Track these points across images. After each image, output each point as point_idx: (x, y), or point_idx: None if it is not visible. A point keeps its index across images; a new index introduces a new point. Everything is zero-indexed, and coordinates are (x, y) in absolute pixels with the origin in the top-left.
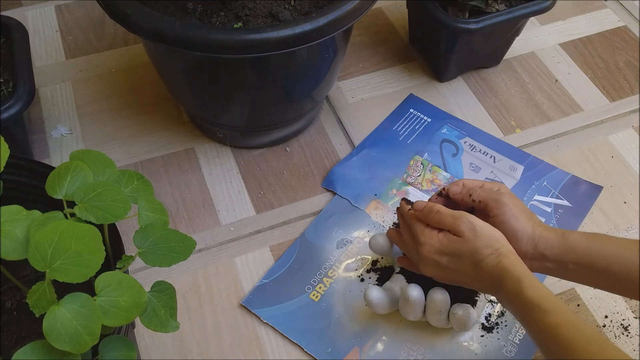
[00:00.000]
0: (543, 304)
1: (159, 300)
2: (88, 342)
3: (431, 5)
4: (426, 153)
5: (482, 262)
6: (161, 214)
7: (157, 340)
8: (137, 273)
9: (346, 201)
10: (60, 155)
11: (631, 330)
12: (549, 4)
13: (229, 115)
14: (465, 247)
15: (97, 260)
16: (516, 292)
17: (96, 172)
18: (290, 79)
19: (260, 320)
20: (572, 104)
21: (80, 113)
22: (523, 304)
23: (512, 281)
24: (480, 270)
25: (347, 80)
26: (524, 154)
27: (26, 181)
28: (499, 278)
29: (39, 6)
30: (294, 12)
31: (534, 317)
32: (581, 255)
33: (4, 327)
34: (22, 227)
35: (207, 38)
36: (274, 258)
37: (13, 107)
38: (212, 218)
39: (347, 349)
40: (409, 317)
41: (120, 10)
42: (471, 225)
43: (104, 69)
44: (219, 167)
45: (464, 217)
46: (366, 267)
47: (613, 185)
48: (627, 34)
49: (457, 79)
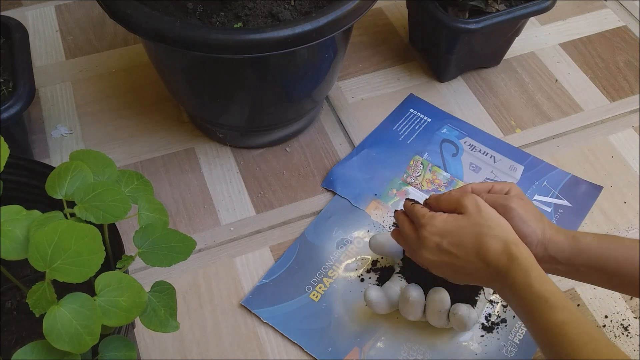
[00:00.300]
0: (551, 299)
1: (159, 300)
2: (88, 342)
3: (431, 5)
4: (426, 153)
5: (486, 245)
6: (161, 214)
7: (157, 340)
8: (137, 273)
9: (346, 201)
10: (60, 155)
11: (631, 330)
12: (549, 4)
13: (229, 115)
14: (468, 224)
15: (97, 260)
16: (524, 283)
17: (96, 172)
18: (290, 79)
19: (260, 320)
20: (572, 104)
21: (80, 113)
22: (530, 298)
23: (519, 271)
24: (484, 254)
25: (347, 80)
26: (524, 154)
27: (26, 181)
28: (506, 266)
29: (39, 6)
30: (294, 12)
31: (540, 313)
32: (593, 259)
33: (4, 327)
34: (22, 227)
35: (207, 38)
36: (274, 258)
37: (13, 107)
38: (212, 218)
39: (347, 349)
40: (409, 317)
41: (120, 10)
42: (475, 202)
43: (104, 69)
44: (219, 167)
45: (470, 195)
46: (366, 267)
47: (613, 185)
48: (627, 34)
49: (457, 79)
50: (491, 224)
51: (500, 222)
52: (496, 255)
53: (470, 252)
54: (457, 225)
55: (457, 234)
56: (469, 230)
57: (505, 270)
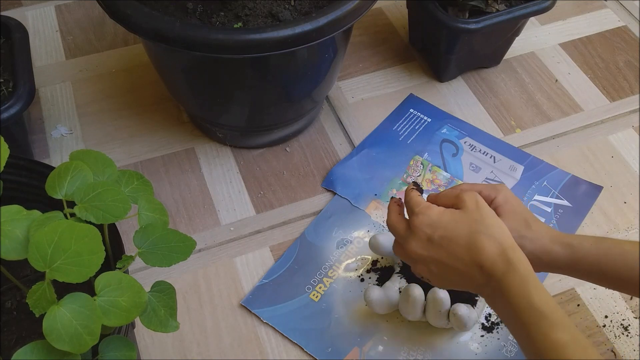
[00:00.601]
0: (551, 316)
1: (159, 300)
2: (88, 342)
3: (431, 5)
4: (426, 153)
5: (481, 244)
6: (161, 214)
7: (157, 340)
8: (137, 273)
9: (346, 201)
10: (60, 155)
11: (631, 330)
12: (549, 4)
13: (229, 115)
14: (464, 219)
15: (97, 260)
16: (521, 293)
17: (96, 172)
18: (290, 79)
19: (260, 320)
20: (572, 104)
21: (80, 113)
22: (528, 311)
23: (516, 279)
24: (477, 254)
25: (347, 80)
26: (524, 154)
27: (26, 181)
28: (501, 272)
29: (39, 6)
30: (294, 12)
31: (537, 330)
32: (592, 265)
33: (4, 327)
34: (22, 227)
35: (207, 38)
36: (274, 258)
37: (13, 107)
38: (212, 218)
39: (347, 349)
40: (409, 317)
41: (120, 10)
42: (475, 198)
43: (104, 69)
44: (219, 167)
45: (471, 191)
46: (366, 267)
47: (613, 185)
48: (627, 34)
49: (457, 79)
50: (489, 222)
51: (499, 223)
52: (491, 258)
53: (462, 250)
54: (452, 218)
55: (452, 227)
56: (464, 225)
57: (500, 275)
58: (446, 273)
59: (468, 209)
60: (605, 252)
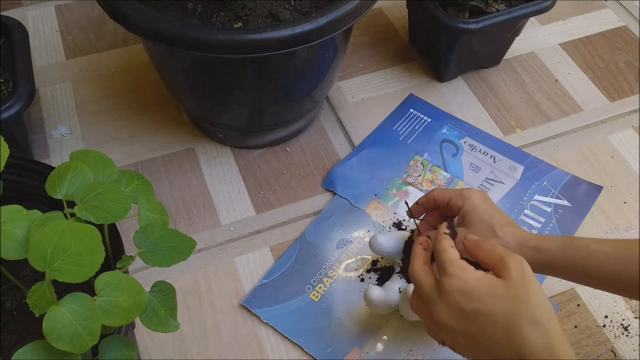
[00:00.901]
0: None
1: (159, 300)
2: (88, 342)
3: (431, 5)
4: (426, 153)
5: (523, 332)
6: (161, 214)
7: (157, 340)
8: (137, 273)
9: (346, 201)
10: (60, 155)
11: (631, 330)
12: (549, 4)
13: (229, 115)
14: (506, 293)
15: (97, 260)
16: None
17: (96, 172)
18: (290, 79)
19: (260, 320)
20: (572, 104)
21: (80, 113)
22: None
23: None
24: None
25: (347, 80)
26: (524, 154)
27: (26, 181)
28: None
29: (39, 6)
30: (294, 12)
31: None
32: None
33: (4, 327)
34: (22, 227)
35: (207, 38)
36: (274, 258)
37: (13, 107)
38: (212, 218)
39: (347, 349)
40: (409, 317)
41: (120, 10)
42: (522, 267)
43: (104, 69)
44: (219, 167)
45: (517, 256)
46: (366, 267)
47: (613, 185)
48: (627, 34)
49: (457, 79)
50: (535, 302)
51: (545, 303)
52: (535, 352)
53: (499, 332)
54: (491, 290)
55: (490, 302)
56: (505, 302)
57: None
58: (475, 349)
59: (512, 280)
60: (572, 253)
